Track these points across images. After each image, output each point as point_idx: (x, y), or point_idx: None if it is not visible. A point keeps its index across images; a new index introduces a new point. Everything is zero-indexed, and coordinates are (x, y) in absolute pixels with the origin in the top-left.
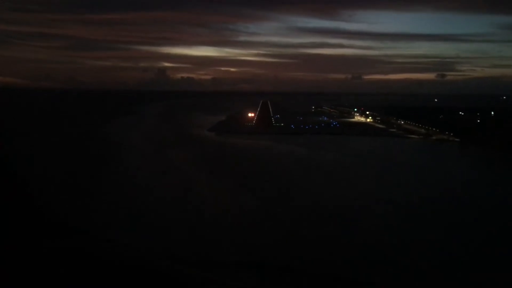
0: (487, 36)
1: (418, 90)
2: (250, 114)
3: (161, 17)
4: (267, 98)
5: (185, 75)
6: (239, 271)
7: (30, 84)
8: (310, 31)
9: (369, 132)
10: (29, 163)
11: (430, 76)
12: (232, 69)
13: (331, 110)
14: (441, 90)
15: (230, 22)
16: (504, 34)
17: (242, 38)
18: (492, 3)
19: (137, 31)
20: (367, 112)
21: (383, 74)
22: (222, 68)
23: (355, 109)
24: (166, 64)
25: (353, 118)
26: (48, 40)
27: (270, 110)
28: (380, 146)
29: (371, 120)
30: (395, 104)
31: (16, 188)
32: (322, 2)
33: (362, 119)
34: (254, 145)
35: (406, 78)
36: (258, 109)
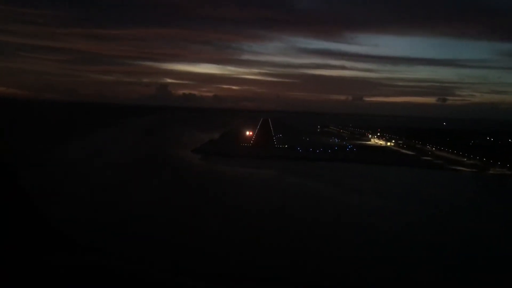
0: (487, 62)
1: (419, 113)
2: (248, 133)
3: (165, 34)
4: (269, 116)
5: (187, 91)
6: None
7: (34, 96)
8: (312, 52)
9: (400, 161)
10: None
11: (431, 100)
12: (234, 87)
13: (341, 131)
14: (442, 114)
15: (233, 41)
16: (504, 61)
17: (245, 57)
18: (492, 30)
19: (141, 47)
20: (385, 134)
21: (384, 97)
22: (224, 86)
23: (370, 130)
24: (169, 80)
25: (369, 141)
26: (53, 53)
27: (272, 129)
28: (434, 185)
29: (393, 144)
30: (403, 126)
31: None
32: (325, 23)
33: (381, 142)
34: (249, 178)
35: (406, 101)
36: (258, 127)
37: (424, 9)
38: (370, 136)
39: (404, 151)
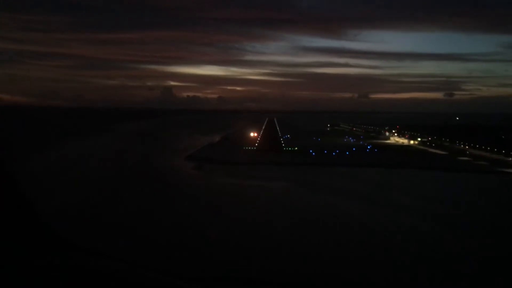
0: (493, 55)
1: (426, 109)
2: (252, 134)
3: (168, 37)
4: (274, 116)
5: (191, 93)
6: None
7: (38, 103)
8: (316, 50)
9: (435, 164)
10: None
11: (437, 95)
12: (238, 88)
13: (353, 129)
14: (450, 109)
15: (236, 42)
16: (510, 54)
17: (249, 57)
18: (498, 23)
19: (144, 50)
20: (404, 132)
21: (390, 93)
22: (228, 87)
23: (386, 128)
24: (173, 83)
25: (388, 139)
26: (57, 59)
27: (278, 129)
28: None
29: (416, 142)
30: (416, 122)
31: None
32: (328, 21)
33: (402, 141)
34: (253, 197)
35: (412, 97)
36: (263, 128)
37: (428, 4)
38: (387, 133)
39: (433, 150)
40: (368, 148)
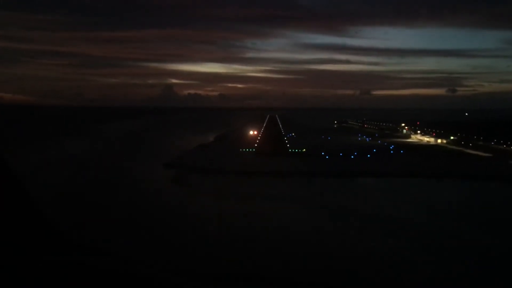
0: (496, 51)
1: (427, 105)
2: (252, 132)
3: (169, 35)
4: (276, 113)
5: (192, 91)
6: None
7: (39, 101)
8: (317, 47)
9: (495, 172)
10: None
11: (439, 91)
12: (240, 85)
13: (365, 126)
14: (452, 105)
15: (237, 39)
16: None
17: (250, 54)
18: (500, 19)
19: (145, 48)
20: (427, 129)
21: (392, 90)
22: (230, 85)
23: (403, 124)
24: (174, 81)
25: (409, 137)
26: (57, 57)
27: (281, 127)
28: None
29: (445, 142)
30: (420, 118)
31: None
32: (328, 18)
33: (427, 139)
34: (254, 241)
35: (414, 94)
36: (264, 126)
37: (430, 0)
38: (404, 131)
39: (472, 151)
40: (391, 149)
